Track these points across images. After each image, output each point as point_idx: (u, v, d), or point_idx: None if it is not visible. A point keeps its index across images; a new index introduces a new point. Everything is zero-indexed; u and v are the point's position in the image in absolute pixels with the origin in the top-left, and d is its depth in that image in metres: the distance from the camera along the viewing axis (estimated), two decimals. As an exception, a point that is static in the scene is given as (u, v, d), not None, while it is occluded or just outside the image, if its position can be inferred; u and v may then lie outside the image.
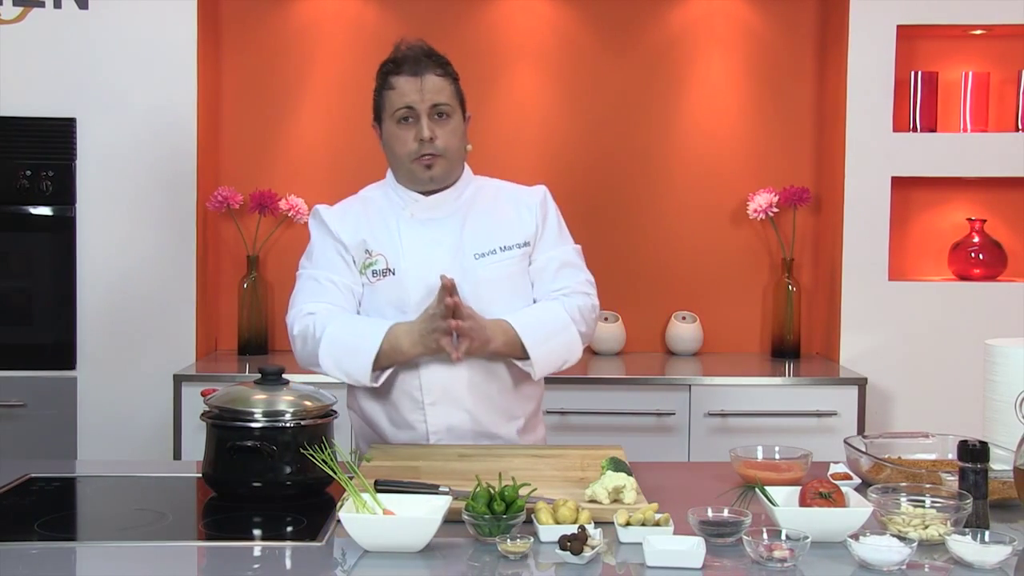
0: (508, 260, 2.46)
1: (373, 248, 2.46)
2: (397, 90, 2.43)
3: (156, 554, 1.79)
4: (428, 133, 2.40)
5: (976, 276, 3.84)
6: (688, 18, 4.00)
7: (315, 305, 2.45)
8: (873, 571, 1.68)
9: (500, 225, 2.49)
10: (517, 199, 2.55)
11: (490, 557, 1.74)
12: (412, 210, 2.48)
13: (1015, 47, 3.90)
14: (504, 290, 2.45)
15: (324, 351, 2.39)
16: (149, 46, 3.66)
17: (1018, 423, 1.97)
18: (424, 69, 2.43)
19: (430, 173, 2.44)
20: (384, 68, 2.48)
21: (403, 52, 2.47)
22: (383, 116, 2.47)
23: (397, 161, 2.47)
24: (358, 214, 2.52)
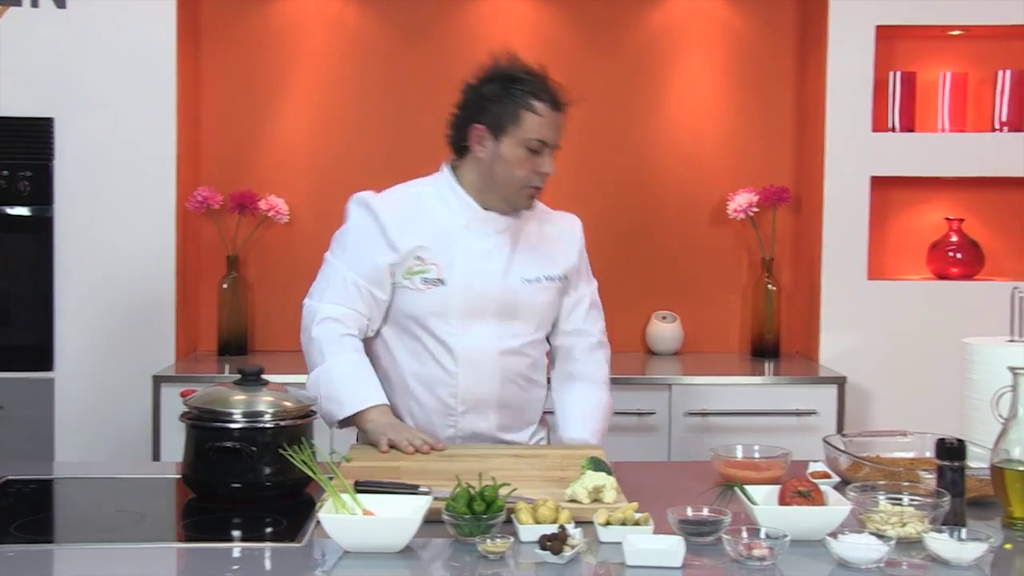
0: (549, 289, 2.52)
1: (427, 256, 2.43)
2: (543, 119, 2.40)
3: (135, 556, 1.79)
4: (551, 170, 2.42)
5: (954, 275, 3.86)
6: (669, 18, 4.01)
7: (338, 309, 2.43)
8: (852, 569, 1.69)
9: (547, 254, 2.54)
10: (561, 229, 2.59)
11: (470, 557, 1.74)
12: (469, 221, 2.46)
13: (992, 48, 3.92)
14: (536, 315, 2.52)
15: (316, 375, 2.41)
16: (128, 46, 3.65)
17: (995, 421, 1.99)
18: (561, 106, 2.44)
19: (530, 203, 2.48)
20: (520, 81, 2.42)
21: (537, 75, 2.44)
22: (507, 130, 2.40)
23: (508, 181, 2.42)
24: (414, 217, 2.46)
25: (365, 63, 3.99)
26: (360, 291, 2.44)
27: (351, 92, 4.00)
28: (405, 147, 4.00)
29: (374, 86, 3.99)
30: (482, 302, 2.44)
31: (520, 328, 2.49)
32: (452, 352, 2.44)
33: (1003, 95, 3.82)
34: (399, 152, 4.00)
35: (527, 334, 2.51)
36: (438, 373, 2.45)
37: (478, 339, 2.44)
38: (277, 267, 4.01)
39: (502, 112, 2.41)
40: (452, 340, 2.44)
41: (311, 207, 4.00)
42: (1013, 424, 1.93)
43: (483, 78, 2.49)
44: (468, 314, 2.43)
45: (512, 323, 2.48)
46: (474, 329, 2.44)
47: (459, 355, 2.44)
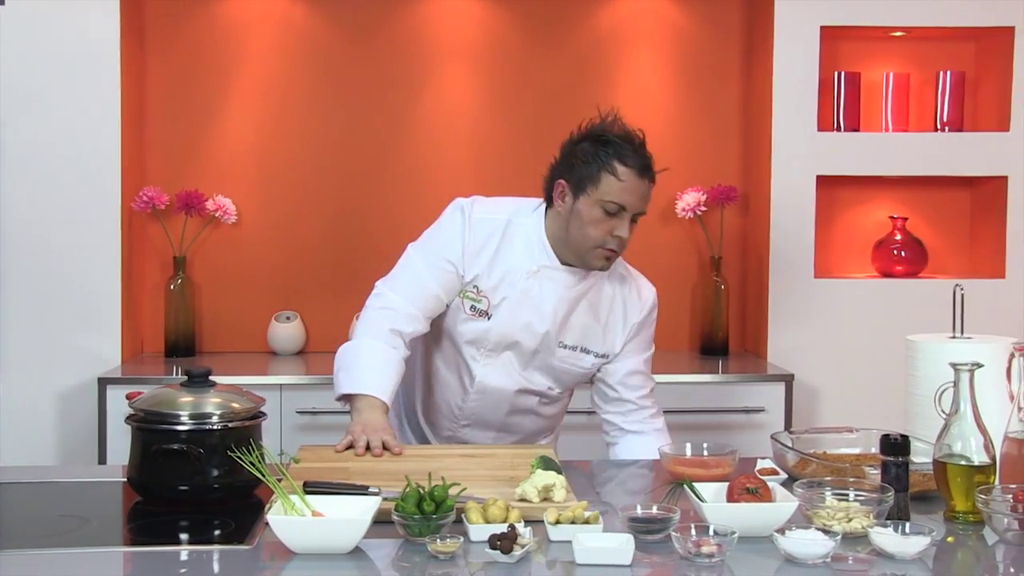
0: (582, 361, 2.55)
1: (484, 287, 2.48)
2: (624, 184, 2.37)
3: (79, 561, 1.76)
4: (628, 235, 2.41)
5: (898, 273, 3.92)
6: (616, 17, 4.02)
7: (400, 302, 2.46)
8: (799, 564, 1.71)
9: (598, 330, 2.55)
10: (627, 307, 2.57)
11: (420, 557, 1.74)
12: (540, 268, 2.48)
13: (933, 49, 3.98)
14: (561, 379, 2.58)
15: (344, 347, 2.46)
16: (71, 44, 3.60)
17: (938, 417, 2.01)
18: (648, 172, 2.42)
19: (604, 264, 2.45)
20: (612, 146, 2.40)
21: (632, 138, 2.42)
22: (587, 189, 2.39)
23: (582, 239, 2.41)
24: (494, 247, 2.48)
25: (312, 62, 3.97)
26: (429, 293, 2.47)
27: (298, 91, 3.98)
28: (353, 147, 3.99)
29: (321, 85, 3.97)
30: (515, 348, 2.51)
31: (542, 380, 2.57)
32: (473, 377, 2.54)
33: (944, 95, 3.88)
34: (347, 152, 3.99)
35: (546, 386, 2.57)
36: (454, 383, 2.57)
37: (499, 374, 2.52)
38: (225, 268, 3.98)
39: (585, 171, 2.40)
40: (476, 368, 2.52)
41: (259, 207, 3.98)
42: (955, 420, 1.95)
43: (580, 135, 2.48)
44: (498, 349, 2.51)
45: (536, 373, 2.55)
46: (498, 362, 2.52)
47: (477, 383, 2.54)
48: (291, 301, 3.98)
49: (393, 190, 3.98)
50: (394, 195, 3.96)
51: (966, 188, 4.04)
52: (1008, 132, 3.80)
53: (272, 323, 3.92)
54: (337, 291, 3.98)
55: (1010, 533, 1.82)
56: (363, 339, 2.44)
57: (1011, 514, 1.82)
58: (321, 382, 3.49)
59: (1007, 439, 1.98)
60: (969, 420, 1.95)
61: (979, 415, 1.95)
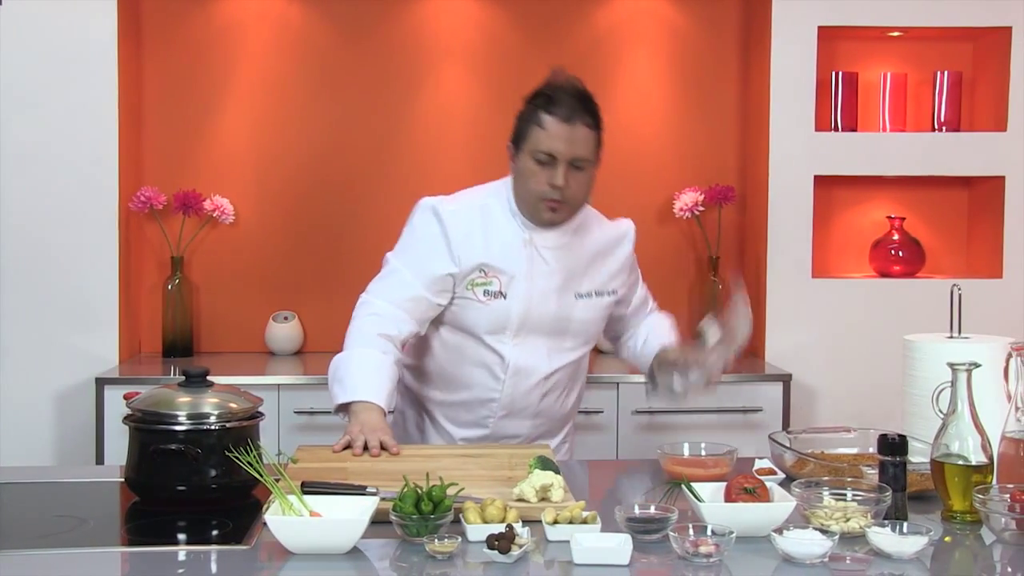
0: (600, 305, 2.58)
1: (490, 268, 2.46)
2: (546, 131, 2.40)
3: (76, 561, 1.76)
4: (562, 182, 2.40)
5: (896, 273, 3.92)
6: (613, 18, 4.02)
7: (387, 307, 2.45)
8: (796, 564, 1.71)
9: (601, 270, 2.57)
10: (614, 241, 2.62)
11: (418, 557, 1.74)
12: (532, 237, 2.49)
13: (930, 49, 3.99)
14: (585, 332, 2.58)
15: (337, 359, 2.44)
16: (68, 44, 3.59)
17: (935, 416, 2.02)
18: (577, 117, 2.41)
19: (551, 216, 2.45)
20: (536, 100, 2.45)
21: (559, 89, 2.43)
22: (522, 146, 2.44)
23: (525, 194, 2.45)
24: (480, 231, 2.48)
25: (309, 62, 3.97)
26: (415, 295, 2.45)
27: (295, 92, 3.98)
28: (350, 147, 3.99)
29: (318, 85, 3.97)
30: (539, 318, 2.49)
31: (570, 343, 2.56)
32: (504, 360, 2.50)
33: (942, 95, 3.88)
34: (344, 152, 3.99)
35: (575, 349, 2.57)
36: (484, 378, 2.52)
37: (530, 355, 2.50)
38: (222, 268, 3.98)
39: (519, 129, 2.47)
40: (506, 351, 2.49)
41: (256, 207, 3.97)
42: (952, 419, 1.96)
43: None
44: (523, 329, 2.49)
45: (563, 339, 2.54)
46: (527, 344, 2.50)
47: (510, 365, 2.50)
48: (289, 301, 3.98)
49: (390, 190, 3.97)
50: (391, 195, 3.95)
51: (963, 188, 4.05)
52: (1005, 132, 3.81)
53: (270, 323, 3.92)
54: (335, 291, 3.98)
55: (1007, 533, 1.82)
56: (353, 349, 2.42)
57: (1008, 514, 1.82)
58: (319, 382, 3.48)
59: (1004, 439, 1.98)
60: (967, 420, 1.95)
61: (976, 415, 1.95)
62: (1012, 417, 1.98)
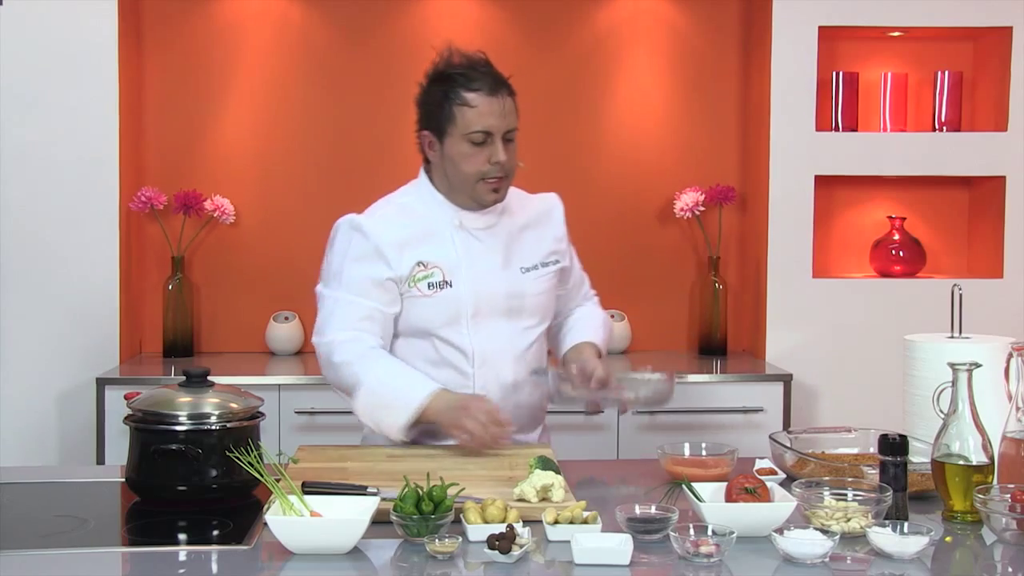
0: (547, 276, 2.54)
1: (428, 260, 2.41)
2: (476, 109, 2.36)
3: (77, 561, 1.76)
4: (504, 158, 2.37)
5: (897, 273, 3.92)
6: (614, 18, 4.02)
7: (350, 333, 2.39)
8: (797, 564, 1.71)
9: (538, 241, 2.54)
10: (544, 213, 2.59)
11: (418, 557, 1.74)
12: (461, 220, 2.45)
13: (931, 49, 3.99)
14: (540, 306, 2.53)
15: (361, 399, 2.35)
16: (68, 45, 3.60)
17: (936, 417, 2.02)
18: (500, 88, 2.39)
19: (495, 195, 2.42)
20: (450, 78, 2.39)
21: (472, 63, 2.39)
22: (447, 129, 2.39)
23: (462, 179, 2.41)
24: (404, 224, 2.44)
25: (309, 62, 3.97)
26: (367, 313, 2.40)
27: (296, 91, 3.98)
28: (351, 147, 3.99)
29: (319, 85, 3.97)
30: (490, 299, 2.44)
31: (528, 321, 2.50)
32: (466, 354, 2.44)
33: (942, 95, 3.88)
34: (345, 152, 3.99)
35: (535, 327, 2.52)
36: (453, 377, 2.43)
37: (491, 340, 2.44)
38: (223, 268, 3.98)
39: (440, 113, 2.40)
40: (465, 343, 2.43)
41: (257, 207, 3.98)
42: (953, 419, 1.96)
43: (424, 83, 2.48)
44: (478, 315, 2.42)
45: (520, 318, 2.48)
46: (486, 330, 2.44)
47: (474, 357, 2.44)
48: (289, 301, 3.98)
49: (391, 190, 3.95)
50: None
51: (964, 188, 4.05)
52: (1006, 132, 3.80)
53: (270, 323, 3.92)
54: (335, 291, 3.98)
55: (1008, 533, 1.82)
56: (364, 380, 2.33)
57: (1009, 514, 1.82)
58: (319, 382, 3.49)
59: (1005, 439, 1.98)
60: (967, 420, 1.95)
61: (977, 415, 1.95)
62: (1013, 417, 1.98)
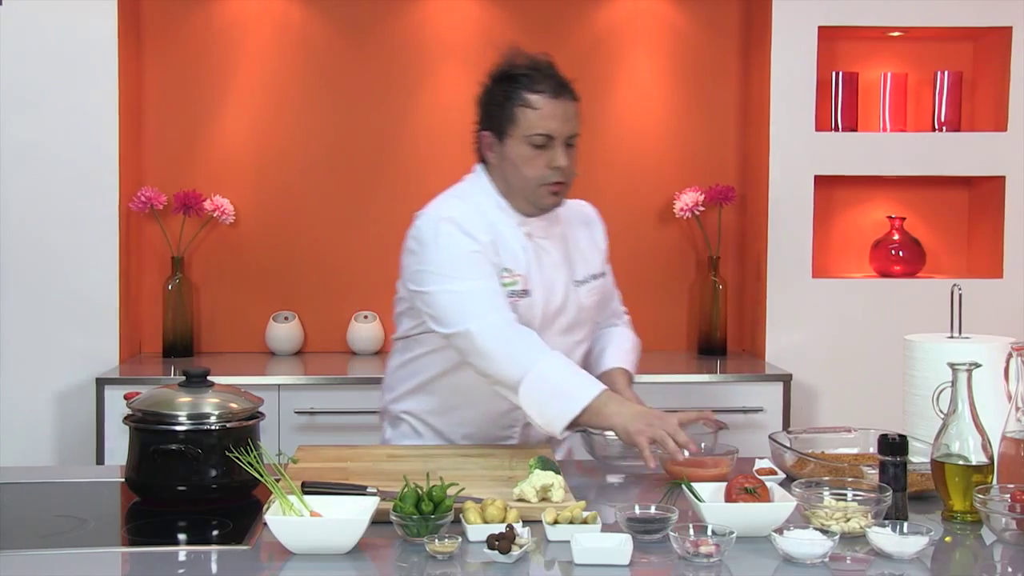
0: (595, 289, 2.51)
1: (513, 268, 2.35)
2: (539, 111, 2.31)
3: (77, 562, 1.76)
4: (565, 163, 2.33)
5: (896, 273, 3.92)
6: (614, 18, 4.02)
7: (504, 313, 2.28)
8: (797, 564, 1.71)
9: (587, 252, 2.52)
10: (586, 221, 2.57)
11: (418, 557, 1.74)
12: (529, 229, 2.40)
13: (930, 49, 3.99)
14: (589, 320, 2.51)
15: (529, 384, 2.22)
16: (68, 45, 3.59)
17: (936, 416, 2.02)
18: (564, 92, 2.34)
19: (554, 200, 2.37)
20: (514, 78, 2.34)
21: (536, 66, 2.34)
22: (508, 130, 2.34)
23: (522, 182, 2.35)
24: (488, 227, 2.36)
25: (309, 62, 3.97)
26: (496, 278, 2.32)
27: (296, 91, 3.98)
28: (351, 147, 3.99)
29: (319, 85, 3.97)
30: (556, 313, 2.40)
31: (579, 335, 2.47)
32: None
33: (942, 95, 3.88)
34: (344, 152, 3.99)
35: (583, 342, 2.49)
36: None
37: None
38: (223, 268, 3.98)
39: (501, 114, 2.35)
40: None
41: (257, 207, 3.97)
42: (953, 419, 1.96)
43: (488, 82, 2.42)
44: (544, 328, 2.36)
45: (574, 333, 2.45)
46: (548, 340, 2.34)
47: None
48: (289, 301, 3.98)
49: (391, 190, 3.97)
50: (392, 195, 3.95)
51: (964, 188, 4.05)
52: (1006, 132, 3.80)
53: (270, 323, 3.92)
54: (335, 291, 3.99)
55: (1008, 533, 1.82)
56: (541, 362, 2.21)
57: (1009, 514, 1.82)
58: (319, 382, 3.50)
59: (1005, 439, 1.98)
60: (967, 420, 1.95)
61: (977, 415, 1.95)
62: (1012, 417, 1.98)
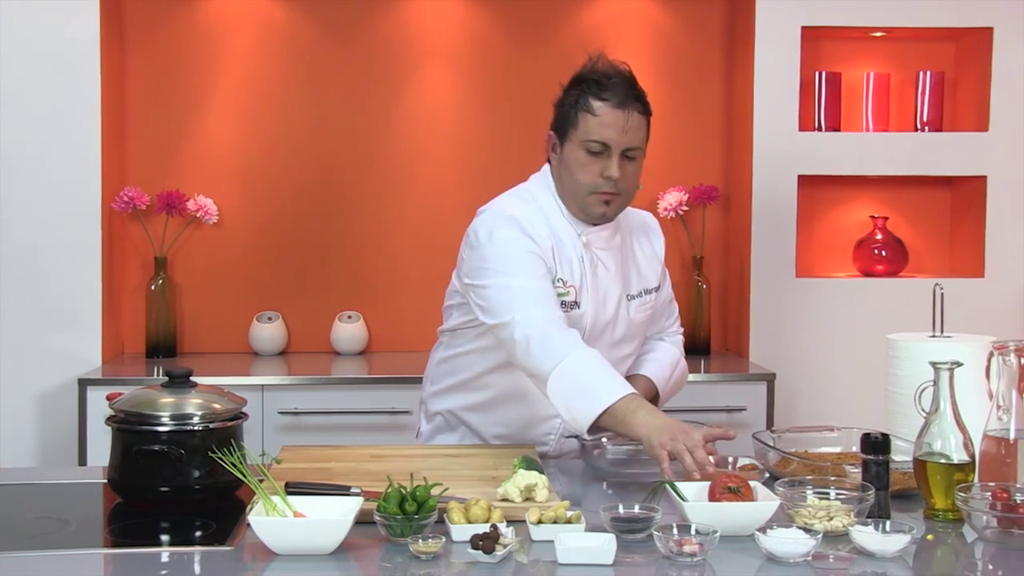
0: (648, 304, 2.47)
1: (565, 278, 2.32)
2: (599, 118, 2.27)
3: (59, 564, 1.75)
4: (617, 174, 2.28)
5: (879, 272, 3.94)
6: (598, 18, 4.03)
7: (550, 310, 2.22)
8: (780, 563, 1.71)
9: (643, 266, 2.47)
10: (646, 232, 2.52)
11: (402, 557, 1.74)
12: (588, 239, 2.35)
13: (913, 49, 4.01)
14: (638, 335, 2.47)
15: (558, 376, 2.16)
16: (50, 43, 3.58)
17: (918, 415, 2.02)
18: (630, 103, 2.29)
19: (604, 210, 2.32)
20: (584, 84, 2.31)
21: (609, 74, 2.31)
22: (569, 133, 2.31)
23: (574, 186, 2.31)
24: (548, 232, 2.32)
25: (293, 62, 3.96)
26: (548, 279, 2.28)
27: (280, 91, 3.97)
28: (335, 147, 3.98)
29: (303, 85, 3.96)
30: (604, 326, 2.36)
31: (626, 350, 2.43)
32: None
33: (924, 96, 3.90)
34: (328, 152, 3.98)
35: (630, 356, 2.46)
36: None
37: None
38: (206, 268, 3.97)
39: (565, 116, 2.33)
40: None
41: (240, 207, 3.96)
42: (935, 418, 1.96)
43: (565, 84, 2.37)
44: (590, 339, 2.32)
45: (620, 347, 2.41)
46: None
47: None
48: (273, 301, 3.97)
49: (375, 190, 3.97)
50: (376, 195, 3.95)
51: (946, 188, 4.07)
52: (987, 132, 3.83)
53: (254, 323, 3.91)
54: (319, 291, 3.98)
55: (989, 531, 1.83)
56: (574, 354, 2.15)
57: (990, 512, 1.83)
58: (303, 383, 3.49)
59: (986, 437, 1.99)
60: (949, 418, 1.96)
61: (959, 414, 1.96)
62: (994, 416, 1.99)
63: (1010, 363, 1.98)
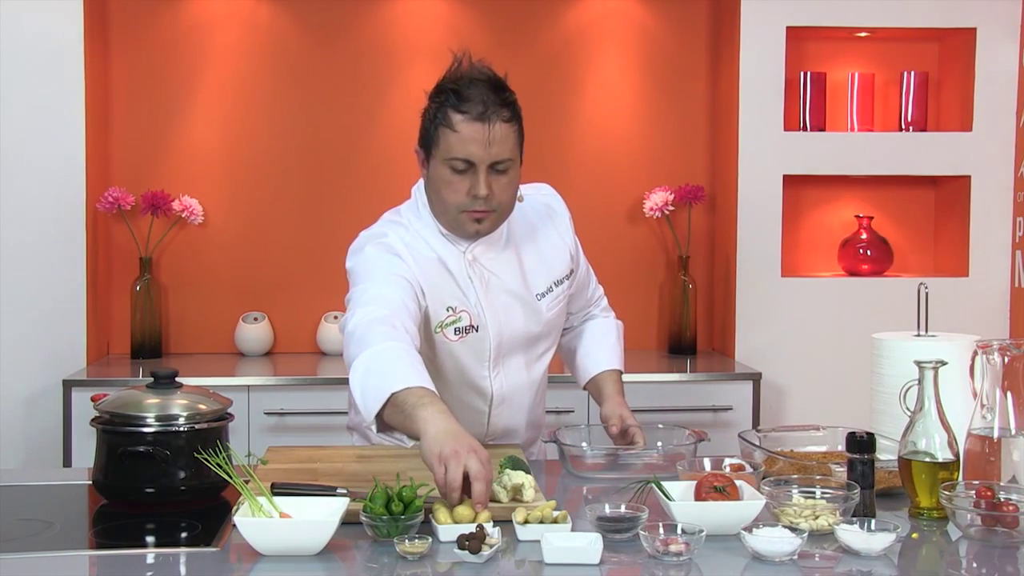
0: (561, 296, 2.36)
1: (456, 304, 2.22)
2: (459, 134, 2.11)
3: (43, 566, 1.74)
4: (485, 191, 2.12)
5: (864, 272, 3.95)
6: (583, 18, 4.03)
7: (380, 310, 2.07)
8: (766, 562, 1.72)
9: (549, 258, 2.34)
10: (548, 219, 2.37)
11: (388, 558, 1.73)
12: (474, 254, 2.24)
13: (897, 50, 4.02)
14: (555, 328, 2.39)
15: (359, 362, 2.01)
16: (34, 44, 3.57)
17: (903, 414, 2.03)
18: (492, 114, 2.11)
19: (478, 227, 2.18)
20: (443, 96, 2.15)
21: (467, 82, 2.15)
22: (432, 150, 2.16)
23: (443, 206, 2.17)
24: (426, 260, 2.21)
25: (278, 62, 3.95)
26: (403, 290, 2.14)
27: (264, 91, 3.96)
28: (320, 147, 3.98)
29: (288, 85, 3.96)
30: (512, 339, 2.29)
31: (543, 347, 2.37)
32: (484, 395, 2.30)
33: (908, 95, 3.91)
34: (314, 152, 3.98)
35: (549, 349, 2.40)
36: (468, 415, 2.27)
37: (509, 377, 2.31)
38: (191, 269, 3.96)
39: (427, 130, 2.18)
40: (486, 385, 2.29)
41: (225, 208, 3.96)
42: (919, 417, 1.97)
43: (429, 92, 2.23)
44: (500, 354, 2.28)
45: (536, 346, 2.35)
46: (506, 368, 2.30)
47: (494, 396, 2.31)
48: (258, 302, 3.97)
49: (360, 190, 3.97)
50: (361, 195, 3.95)
51: (930, 187, 4.08)
52: (971, 132, 3.84)
53: (239, 324, 3.91)
54: (305, 292, 3.97)
55: (973, 529, 1.84)
56: (381, 344, 2.00)
57: (974, 510, 1.84)
58: (289, 383, 3.48)
59: (970, 436, 2.00)
60: (933, 417, 1.96)
61: (943, 412, 1.97)
62: (978, 414, 2.00)
63: (994, 362, 1.99)
